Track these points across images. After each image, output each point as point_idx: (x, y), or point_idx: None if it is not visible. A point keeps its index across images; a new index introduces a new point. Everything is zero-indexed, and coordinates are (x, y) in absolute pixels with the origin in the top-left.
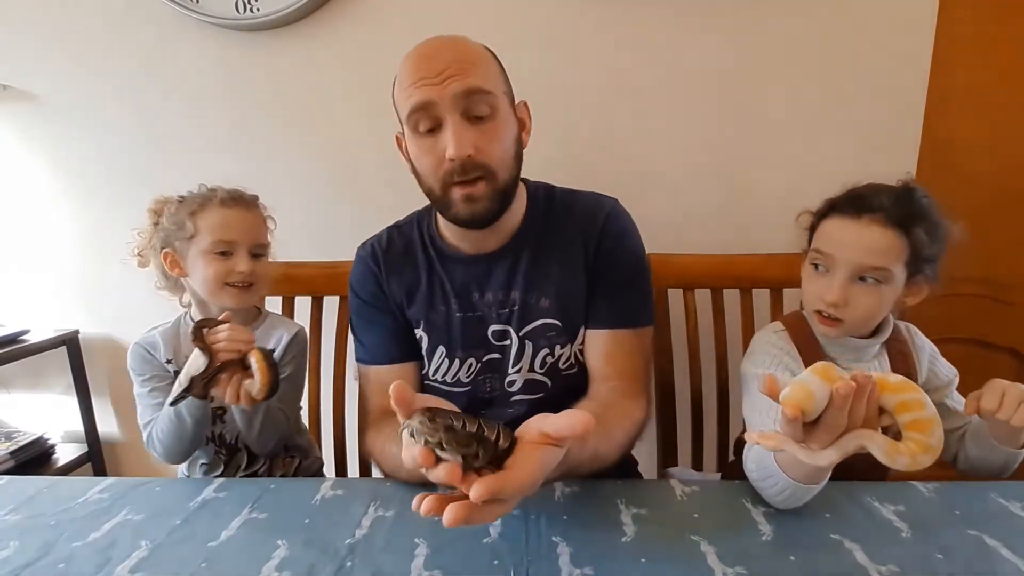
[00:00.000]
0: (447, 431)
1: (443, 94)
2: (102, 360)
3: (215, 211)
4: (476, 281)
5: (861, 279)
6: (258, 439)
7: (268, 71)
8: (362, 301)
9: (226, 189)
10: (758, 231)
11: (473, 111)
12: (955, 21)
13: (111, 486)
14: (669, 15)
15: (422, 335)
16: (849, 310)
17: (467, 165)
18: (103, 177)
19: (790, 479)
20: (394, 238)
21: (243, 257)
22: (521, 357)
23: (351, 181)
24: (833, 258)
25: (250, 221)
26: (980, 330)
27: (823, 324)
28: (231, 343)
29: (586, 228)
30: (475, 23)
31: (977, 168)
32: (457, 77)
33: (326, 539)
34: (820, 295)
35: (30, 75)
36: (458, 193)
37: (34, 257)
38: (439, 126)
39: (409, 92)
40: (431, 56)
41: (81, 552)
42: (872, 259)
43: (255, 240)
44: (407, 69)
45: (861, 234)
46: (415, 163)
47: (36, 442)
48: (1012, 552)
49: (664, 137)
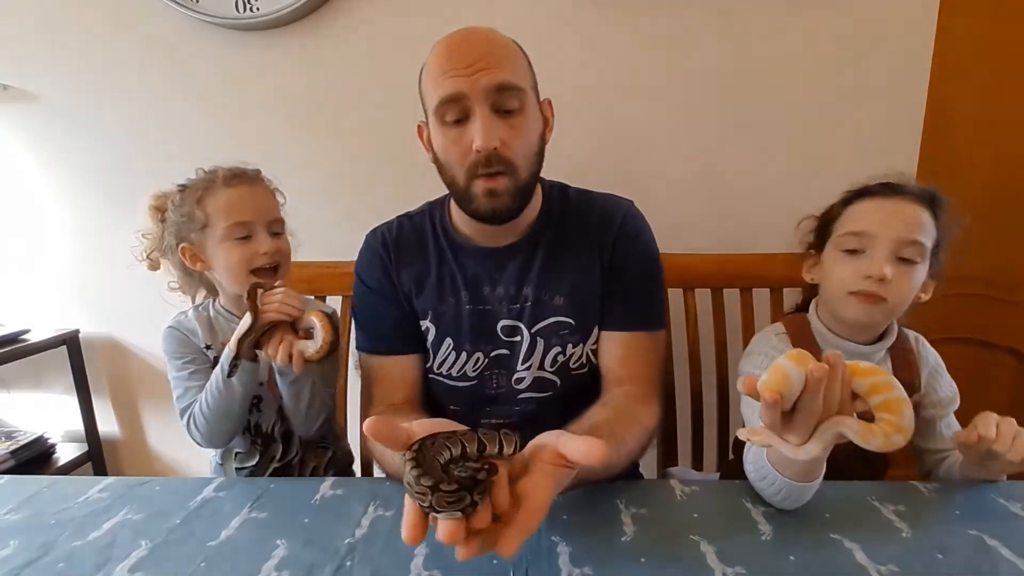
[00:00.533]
0: (434, 492)
1: (474, 86)
2: (102, 359)
3: (221, 193)
4: (488, 274)
5: (898, 260)
6: (306, 415)
7: (268, 71)
8: (368, 288)
9: (226, 167)
10: (758, 231)
11: (502, 105)
12: (956, 22)
13: (111, 485)
14: (670, 16)
15: (429, 326)
16: (893, 287)
17: (492, 158)
18: (103, 177)
19: (784, 478)
20: (405, 226)
21: (263, 237)
22: (532, 354)
23: (351, 180)
24: (872, 236)
25: (260, 197)
26: (981, 330)
27: (866, 301)
28: (283, 305)
29: (603, 229)
30: (474, 23)
31: (977, 168)
32: (489, 70)
33: (326, 539)
34: (861, 274)
35: (30, 75)
36: (481, 187)
37: (34, 256)
38: (467, 117)
39: (439, 82)
40: (463, 47)
41: (81, 551)
42: (912, 232)
43: (270, 216)
44: (437, 59)
45: (901, 208)
46: (439, 153)
47: (36, 441)
48: (1012, 552)
49: (664, 137)
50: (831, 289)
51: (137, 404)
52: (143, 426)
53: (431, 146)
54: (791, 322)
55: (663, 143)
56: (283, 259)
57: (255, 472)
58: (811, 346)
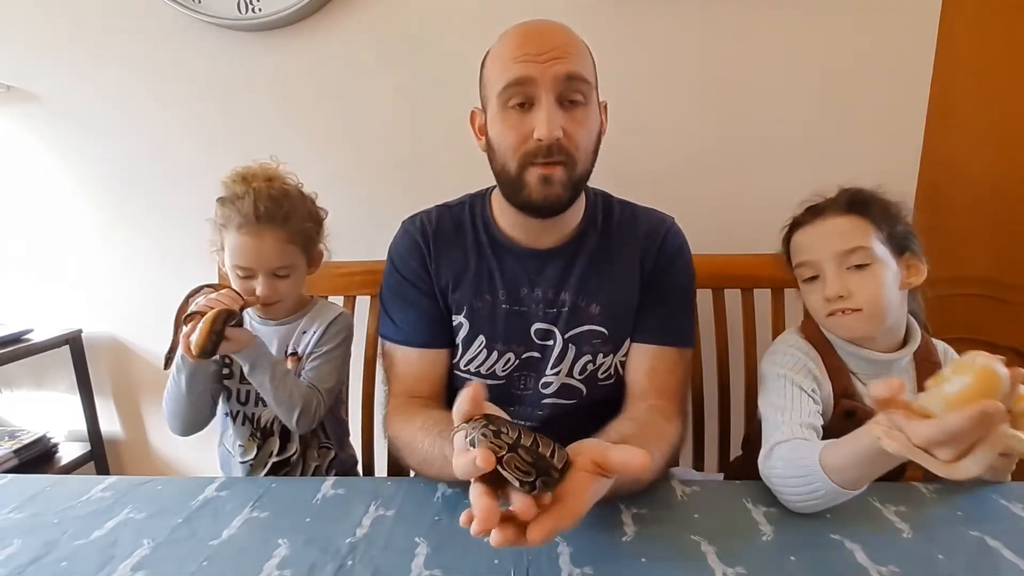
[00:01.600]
0: (511, 450)
1: (544, 73)
2: (105, 359)
3: (232, 234)
4: (527, 275)
5: (850, 269)
6: (276, 405)
7: (270, 71)
8: (401, 277)
9: (251, 201)
10: (759, 231)
11: (568, 95)
12: (957, 22)
13: (113, 485)
14: (669, 15)
15: (462, 322)
16: (857, 297)
17: (553, 147)
18: (106, 177)
19: (833, 483)
20: (444, 216)
21: (261, 281)
22: (562, 360)
23: (355, 181)
24: (815, 262)
25: (267, 249)
26: (982, 330)
27: (842, 318)
28: (216, 300)
29: (647, 242)
30: (474, 23)
31: (979, 168)
32: (561, 60)
33: (327, 538)
34: (823, 298)
35: (33, 76)
36: (535, 173)
37: (37, 257)
38: (530, 104)
39: (509, 66)
40: (537, 35)
41: (83, 551)
42: (844, 242)
43: (273, 265)
44: (508, 44)
45: (825, 228)
46: (495, 138)
47: (39, 441)
48: (1014, 553)
49: (664, 137)
50: (813, 315)
51: (139, 404)
52: (145, 426)
53: (484, 132)
54: (807, 328)
55: (663, 142)
56: (282, 297)
57: (254, 465)
58: (830, 354)
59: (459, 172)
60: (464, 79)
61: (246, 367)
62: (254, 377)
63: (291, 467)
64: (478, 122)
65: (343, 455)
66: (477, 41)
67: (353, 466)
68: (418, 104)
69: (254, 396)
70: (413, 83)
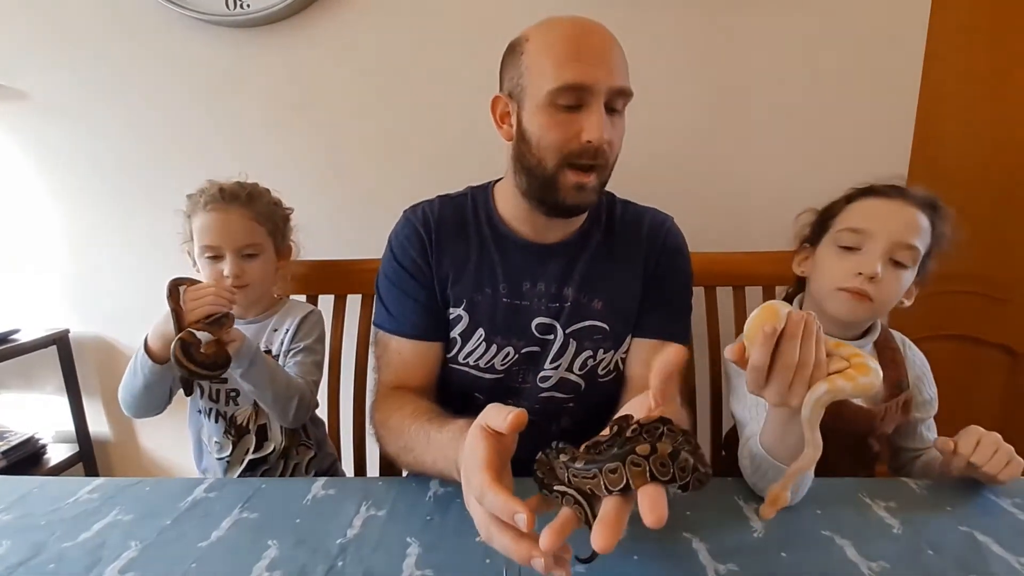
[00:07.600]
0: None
1: (601, 83)
2: (93, 359)
3: (200, 215)
4: (530, 269)
5: (891, 262)
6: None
7: (258, 68)
8: (400, 266)
9: (218, 186)
10: (750, 229)
11: (612, 104)
12: (948, 19)
13: (101, 486)
14: (662, 13)
15: (461, 314)
16: (881, 288)
17: (597, 152)
18: (93, 175)
19: (779, 464)
20: (447, 207)
21: (229, 261)
22: (562, 354)
23: (343, 178)
24: (870, 234)
25: (234, 224)
26: (972, 327)
27: (854, 298)
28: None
29: (650, 241)
30: (467, 20)
31: (969, 165)
32: (615, 72)
33: (317, 539)
34: (854, 270)
35: (20, 73)
36: (572, 179)
37: (24, 256)
38: (579, 106)
39: (565, 66)
40: (591, 40)
41: (71, 552)
42: (909, 235)
43: (240, 243)
44: (563, 41)
45: (901, 210)
46: (535, 132)
47: (27, 442)
48: (1003, 548)
49: (656, 134)
50: (821, 283)
51: None
52: (134, 427)
53: (515, 123)
54: None
55: (654, 140)
56: (251, 280)
57: (231, 462)
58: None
59: (452, 167)
60: (455, 75)
61: (244, 365)
62: (251, 375)
63: (271, 466)
64: (501, 109)
65: (322, 453)
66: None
67: (333, 463)
68: (407, 99)
69: (225, 394)
70: (402, 78)
